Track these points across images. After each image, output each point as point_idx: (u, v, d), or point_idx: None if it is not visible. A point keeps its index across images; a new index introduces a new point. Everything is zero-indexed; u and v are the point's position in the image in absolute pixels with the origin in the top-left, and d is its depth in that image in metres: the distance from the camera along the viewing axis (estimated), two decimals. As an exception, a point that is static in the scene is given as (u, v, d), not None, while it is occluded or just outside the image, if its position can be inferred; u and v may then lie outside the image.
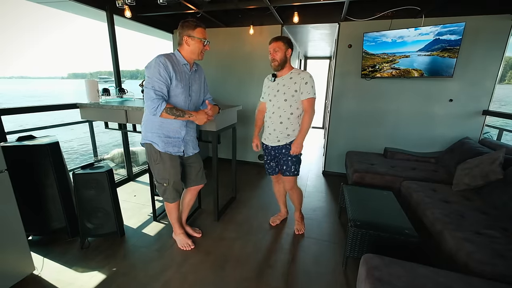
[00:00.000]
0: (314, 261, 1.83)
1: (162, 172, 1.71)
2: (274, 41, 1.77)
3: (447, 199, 1.96)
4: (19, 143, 1.80)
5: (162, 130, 1.64)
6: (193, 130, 1.80)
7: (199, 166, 1.90)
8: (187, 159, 1.83)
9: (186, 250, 1.89)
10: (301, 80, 1.75)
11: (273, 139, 1.90)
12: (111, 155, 3.87)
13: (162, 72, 1.47)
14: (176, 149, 1.69)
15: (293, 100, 1.79)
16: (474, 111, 2.78)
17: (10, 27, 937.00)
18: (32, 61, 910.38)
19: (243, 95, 3.65)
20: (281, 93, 1.81)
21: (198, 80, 1.73)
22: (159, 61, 1.48)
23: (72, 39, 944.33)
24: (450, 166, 2.48)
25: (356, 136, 3.25)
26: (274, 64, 1.78)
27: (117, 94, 2.69)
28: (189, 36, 1.54)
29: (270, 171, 2.08)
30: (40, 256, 1.79)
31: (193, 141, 1.81)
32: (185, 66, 1.60)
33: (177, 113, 1.53)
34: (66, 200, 1.92)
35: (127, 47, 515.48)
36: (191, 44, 1.56)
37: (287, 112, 1.81)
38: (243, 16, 3.34)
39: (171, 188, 1.75)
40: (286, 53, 1.77)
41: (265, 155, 2.05)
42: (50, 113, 2.31)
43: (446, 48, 2.49)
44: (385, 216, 1.76)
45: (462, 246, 1.40)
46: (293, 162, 1.89)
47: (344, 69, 3.09)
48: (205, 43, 1.59)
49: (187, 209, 2.04)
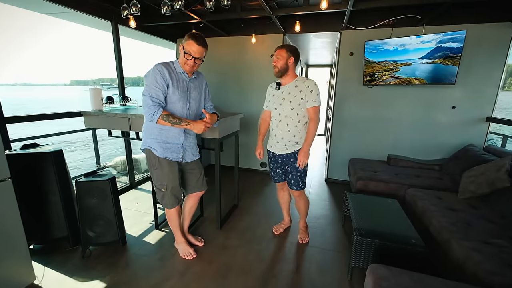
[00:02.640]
0: (319, 271, 1.79)
1: (160, 178, 1.71)
2: (278, 48, 1.79)
3: (453, 207, 1.93)
4: (23, 151, 1.81)
5: (161, 136, 1.65)
6: (192, 137, 1.80)
7: (199, 173, 1.88)
8: (186, 165, 1.82)
9: (188, 259, 1.87)
10: (306, 88, 1.76)
11: (281, 147, 1.89)
12: (113, 162, 3.87)
13: (159, 80, 1.51)
14: (174, 155, 1.70)
15: (299, 108, 1.79)
16: (477, 118, 2.77)
17: (16, 36, 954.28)
18: (35, 68, 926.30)
19: (246, 103, 3.67)
20: (287, 101, 1.80)
21: (198, 88, 1.73)
22: (156, 69, 1.52)
23: (74, 46, 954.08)
24: (455, 174, 2.45)
25: (358, 143, 3.24)
26: (275, 71, 1.80)
27: (121, 102, 2.71)
28: (182, 45, 1.56)
29: (276, 179, 2.06)
30: (41, 265, 1.77)
31: (192, 147, 1.80)
32: (182, 73, 1.62)
33: (173, 120, 1.53)
34: (69, 208, 1.91)
35: (129, 54, 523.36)
36: (181, 54, 1.58)
37: (294, 120, 1.81)
38: (245, 25, 3.39)
39: (169, 193, 1.75)
40: (288, 61, 1.77)
41: (271, 163, 2.04)
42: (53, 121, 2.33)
43: (449, 55, 2.50)
44: (390, 225, 1.74)
45: (470, 256, 1.37)
46: (301, 177, 1.90)
47: (346, 76, 3.11)
48: (188, 57, 1.54)
49: (188, 217, 2.02)
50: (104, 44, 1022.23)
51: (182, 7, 2.00)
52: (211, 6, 1.98)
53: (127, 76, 5.21)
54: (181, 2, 1.97)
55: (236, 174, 2.58)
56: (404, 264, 1.34)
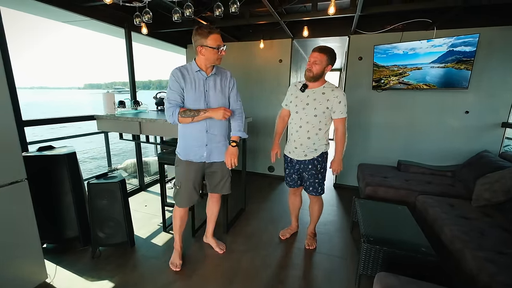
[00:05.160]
0: (326, 278, 1.77)
1: (178, 175, 1.75)
2: (318, 52, 1.63)
3: (466, 215, 1.87)
4: (39, 153, 1.89)
5: (185, 141, 1.68)
6: (218, 137, 1.71)
7: (220, 176, 1.82)
8: (210, 167, 1.77)
9: (171, 269, 1.81)
10: (334, 99, 1.69)
11: (300, 153, 1.85)
12: (124, 165, 3.96)
13: (174, 84, 1.57)
14: (197, 156, 1.69)
15: (323, 117, 1.73)
16: (492, 123, 2.68)
17: (35, 43, 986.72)
18: (51, 72, 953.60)
19: (253, 107, 3.69)
20: (311, 108, 1.73)
21: (219, 85, 1.66)
22: (172, 74, 1.58)
23: (88, 51, 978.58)
24: (468, 181, 2.37)
25: (368, 148, 3.19)
26: (308, 75, 1.68)
27: (132, 106, 2.78)
28: (203, 46, 1.52)
29: (291, 184, 2.01)
30: (53, 264, 1.82)
31: (220, 148, 1.73)
32: (199, 72, 1.60)
33: (190, 113, 1.54)
34: (80, 209, 1.97)
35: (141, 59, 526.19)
36: (205, 54, 1.54)
37: (315, 128, 1.76)
38: (254, 31, 3.43)
39: (182, 192, 1.74)
40: (325, 69, 1.67)
41: (287, 167, 1.99)
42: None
43: (461, 59, 2.44)
44: (400, 232, 1.70)
45: (483, 267, 1.32)
46: (319, 183, 1.89)
47: (355, 81, 3.09)
48: (220, 50, 1.55)
49: (210, 218, 2.04)
50: (116, 49, 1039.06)
51: (192, 14, 2.05)
52: (220, 13, 2.02)
53: (138, 80, 5.36)
54: (191, 10, 2.02)
55: (243, 178, 2.59)
56: (414, 273, 1.30)
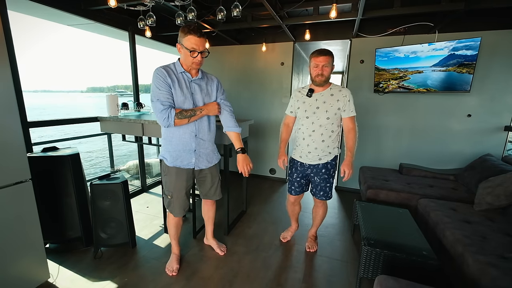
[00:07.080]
0: (327, 281, 1.76)
1: (168, 184, 1.68)
2: (323, 55, 1.64)
3: (468, 219, 1.86)
4: (43, 154, 1.91)
5: (172, 145, 1.60)
6: (207, 143, 1.68)
7: (211, 182, 1.79)
8: (199, 173, 1.74)
9: (168, 274, 1.79)
10: (343, 98, 1.70)
11: (314, 157, 1.83)
12: (126, 166, 3.99)
13: (162, 83, 1.46)
14: (185, 162, 1.63)
15: (335, 118, 1.74)
16: (495, 127, 2.67)
17: (36, 45, 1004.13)
18: (54, 76, 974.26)
19: (255, 110, 3.71)
20: (323, 111, 1.72)
21: (205, 90, 1.61)
22: (157, 73, 1.48)
23: (91, 55, 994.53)
24: (471, 184, 2.36)
25: (369, 151, 3.19)
26: (320, 79, 1.68)
27: (135, 108, 2.82)
28: (180, 43, 1.45)
29: (298, 191, 1.96)
30: (55, 264, 1.84)
31: (208, 154, 1.71)
32: (183, 74, 1.53)
33: (187, 114, 1.48)
34: (83, 210, 1.99)
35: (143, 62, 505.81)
36: (182, 53, 1.47)
37: (328, 130, 1.76)
38: (256, 34, 3.46)
39: (175, 202, 1.70)
40: (332, 69, 1.70)
41: (295, 172, 1.94)
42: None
43: (463, 63, 2.44)
44: (401, 236, 1.69)
45: (485, 272, 1.31)
46: (330, 188, 1.90)
47: (357, 84, 3.09)
48: (194, 55, 1.43)
49: (208, 222, 2.04)
50: (119, 52, 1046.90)
51: (195, 17, 2.07)
52: (223, 17, 2.05)
53: (141, 83, 5.31)
54: (194, 13, 2.05)
55: (244, 180, 2.60)
56: (415, 277, 1.30)
